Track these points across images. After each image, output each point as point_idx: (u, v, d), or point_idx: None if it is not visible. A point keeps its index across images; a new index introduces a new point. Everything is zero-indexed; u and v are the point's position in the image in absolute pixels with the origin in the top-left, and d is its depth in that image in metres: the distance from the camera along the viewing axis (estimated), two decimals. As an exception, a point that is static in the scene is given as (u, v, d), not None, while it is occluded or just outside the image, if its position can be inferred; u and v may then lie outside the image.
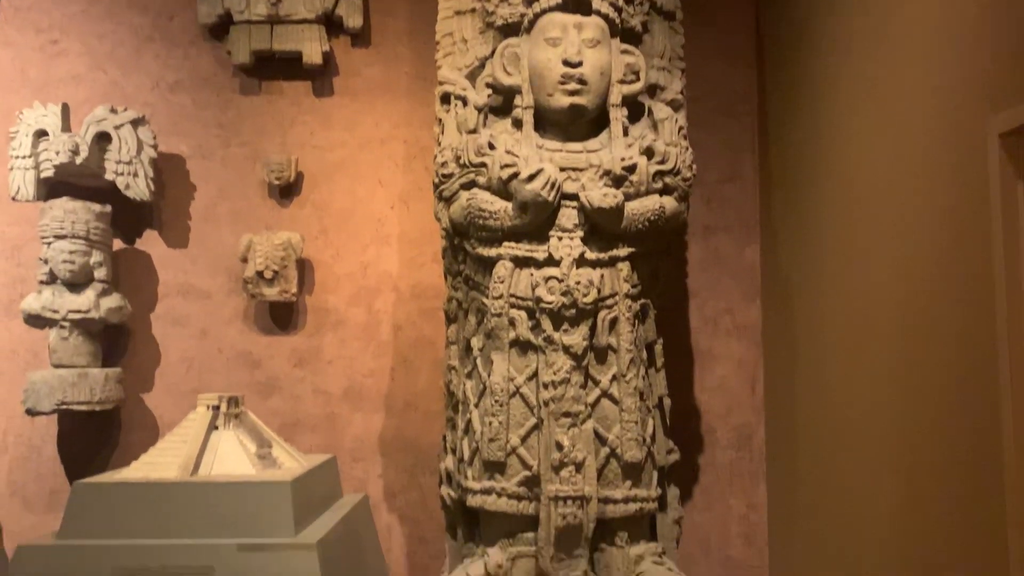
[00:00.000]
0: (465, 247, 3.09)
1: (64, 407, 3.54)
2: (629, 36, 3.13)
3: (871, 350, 2.77)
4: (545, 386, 2.87)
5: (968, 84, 2.20)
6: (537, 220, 2.91)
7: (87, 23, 4.04)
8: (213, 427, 3.11)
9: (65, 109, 3.73)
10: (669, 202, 3.02)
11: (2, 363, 3.89)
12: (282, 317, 3.95)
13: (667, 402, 3.23)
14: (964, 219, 2.19)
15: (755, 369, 3.92)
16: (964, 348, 2.18)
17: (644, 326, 3.10)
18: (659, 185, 3.00)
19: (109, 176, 3.72)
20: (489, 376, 2.94)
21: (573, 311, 2.88)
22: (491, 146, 3.00)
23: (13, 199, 3.74)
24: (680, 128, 3.13)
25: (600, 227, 2.92)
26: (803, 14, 3.47)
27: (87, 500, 2.78)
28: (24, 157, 3.71)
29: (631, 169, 2.95)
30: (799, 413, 3.48)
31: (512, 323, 2.91)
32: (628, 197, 2.93)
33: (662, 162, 3.01)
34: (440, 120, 3.23)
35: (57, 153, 3.60)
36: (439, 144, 3.18)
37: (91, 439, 3.85)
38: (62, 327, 3.61)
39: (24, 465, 3.85)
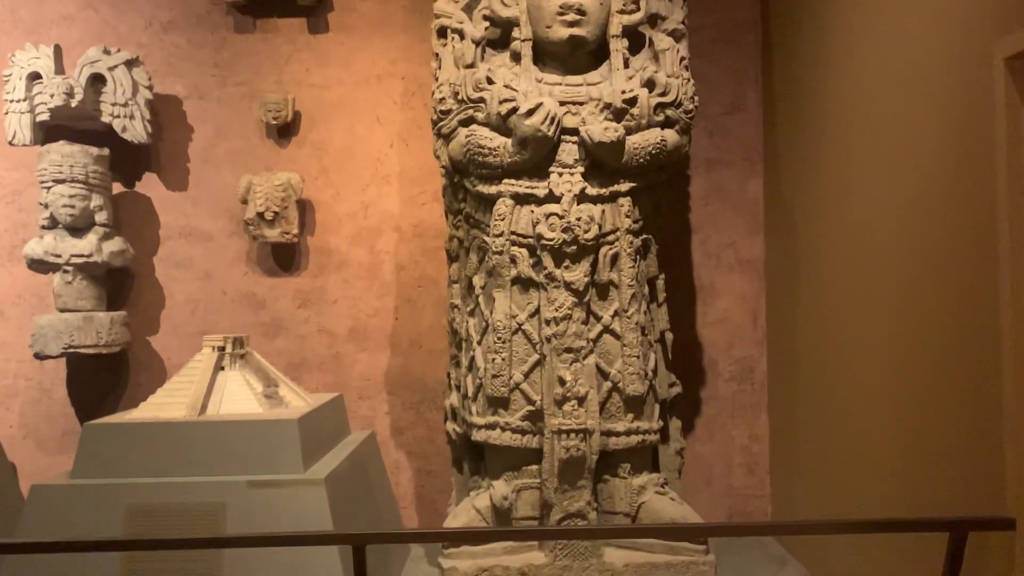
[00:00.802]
0: (465, 185, 3.07)
1: (71, 350, 3.58)
2: (628, -36, 3.05)
3: (872, 280, 2.77)
4: (547, 322, 2.88)
5: (973, 7, 2.15)
6: (537, 156, 2.88)
7: (75, -39, 3.96)
8: (220, 367, 3.13)
9: (58, 51, 3.68)
10: (671, 135, 2.98)
11: (8, 308, 3.92)
12: (285, 258, 3.95)
13: (669, 336, 3.24)
14: (969, 144, 2.16)
15: (757, 302, 3.93)
16: (965, 272, 2.17)
17: (646, 261, 3.09)
18: (660, 118, 2.97)
19: (105, 119, 3.69)
20: (491, 313, 2.95)
21: (574, 247, 2.87)
22: (489, 80, 2.96)
23: (10, 143, 3.71)
24: (682, 59, 3.08)
25: (601, 162, 2.90)
26: (808, -62, 3.37)
27: (98, 441, 2.82)
28: (19, 101, 3.68)
29: (632, 102, 2.91)
30: (800, 344, 3.50)
31: (513, 260, 2.91)
32: (629, 131, 2.90)
33: (663, 94, 2.97)
34: (437, 55, 3.17)
35: (52, 96, 3.56)
36: (436, 80, 3.14)
37: (99, 381, 3.90)
38: (65, 271, 3.62)
39: (35, 408, 3.90)
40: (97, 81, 3.67)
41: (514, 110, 2.88)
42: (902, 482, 2.53)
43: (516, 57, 3.02)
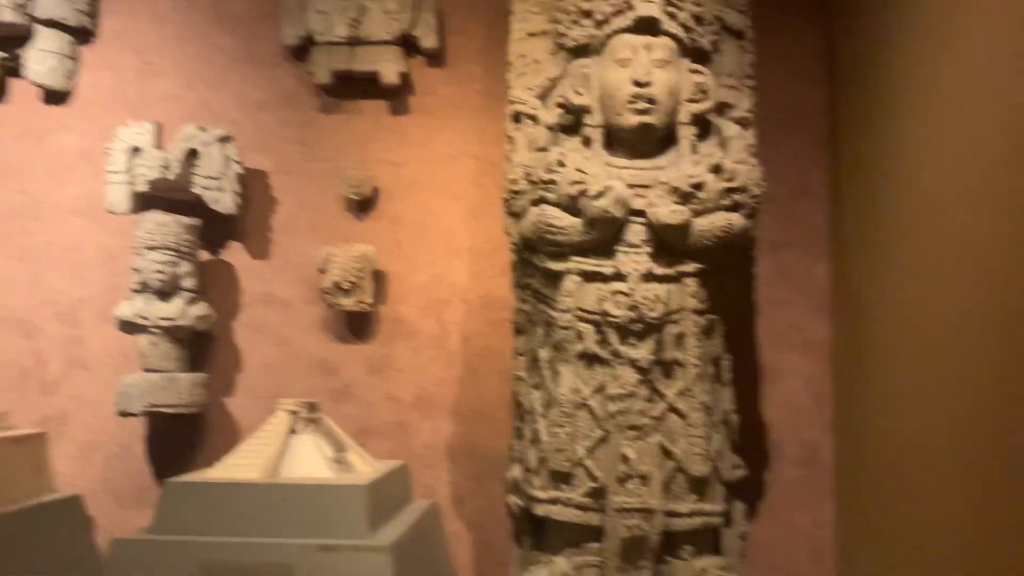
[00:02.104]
0: (534, 261, 3.18)
1: (153, 409, 3.74)
2: (698, 56, 3.17)
3: (944, 368, 2.75)
4: (612, 399, 2.93)
5: (1043, 104, 2.19)
6: (605, 235, 2.98)
7: (180, 45, 4.28)
8: (292, 431, 3.25)
9: (158, 127, 3.96)
10: (737, 219, 3.05)
11: (96, 366, 4.13)
12: (357, 326, 4.09)
13: (734, 417, 3.25)
14: (1038, 240, 2.17)
15: (822, 385, 3.90)
16: (1037, 370, 2.16)
17: (711, 341, 3.13)
18: (727, 202, 3.04)
19: (197, 190, 3.93)
20: (556, 387, 3.01)
21: (640, 325, 2.93)
22: (561, 163, 3.08)
23: (109, 212, 3.98)
24: (748, 145, 3.17)
25: (668, 243, 2.97)
26: (874, 28, 3.46)
27: (177, 497, 2.95)
28: (120, 172, 3.94)
29: (699, 186, 3.00)
30: (869, 430, 3.45)
31: (579, 336, 2.98)
32: (696, 213, 2.98)
33: (730, 179, 3.05)
34: (511, 138, 3.33)
35: (150, 169, 3.82)
36: (510, 161, 3.28)
37: (177, 440, 4.06)
38: (152, 333, 3.82)
39: (115, 463, 4.07)
40: (192, 155, 3.92)
41: (584, 191, 2.98)
42: (977, 573, 2.48)
43: (587, 142, 3.15)
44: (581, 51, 3.19)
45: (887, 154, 3.30)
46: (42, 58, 4.18)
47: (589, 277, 3.00)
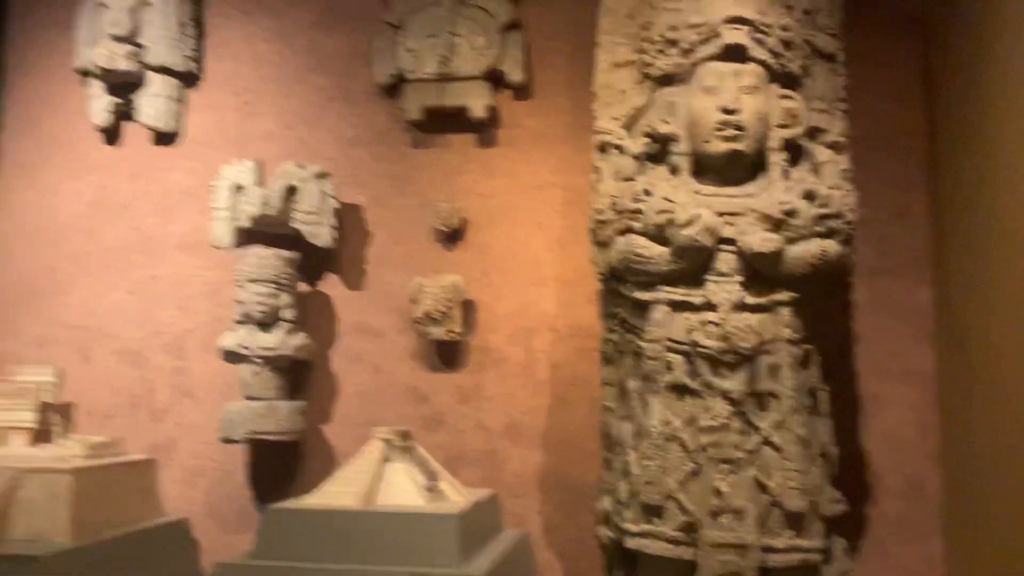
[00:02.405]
0: (621, 291, 3.17)
1: (255, 436, 3.89)
2: (788, 80, 3.12)
3: (1058, 402, 2.60)
4: (703, 431, 2.88)
5: None
6: (694, 265, 2.95)
7: (278, 86, 4.48)
8: (386, 459, 3.33)
9: (259, 166, 4.14)
10: (832, 246, 2.98)
11: (202, 394, 4.32)
12: (448, 355, 4.16)
13: (833, 450, 3.15)
14: None
15: (927, 415, 3.74)
16: None
17: (807, 371, 3.05)
18: (821, 229, 2.97)
19: (296, 225, 4.08)
20: (646, 419, 2.98)
21: (731, 356, 2.89)
22: (647, 192, 3.07)
23: (214, 247, 4.17)
24: (842, 170, 3.09)
25: (759, 271, 2.92)
26: (972, 46, 3.33)
27: (277, 524, 3.05)
28: (224, 209, 4.14)
29: (791, 213, 2.94)
30: (978, 462, 3.29)
31: (669, 367, 2.95)
32: (789, 241, 2.92)
33: (823, 205, 2.98)
34: (597, 168, 3.34)
35: (252, 205, 4.00)
36: (596, 191, 3.29)
37: (277, 466, 4.20)
38: (254, 363, 3.97)
39: (219, 488, 4.24)
40: (291, 191, 4.09)
41: (671, 220, 2.96)
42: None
43: (674, 170, 3.12)
44: (667, 80, 3.19)
45: (990, 174, 3.17)
46: (153, 102, 4.45)
47: (678, 307, 2.98)
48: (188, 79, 4.52)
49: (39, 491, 3.20)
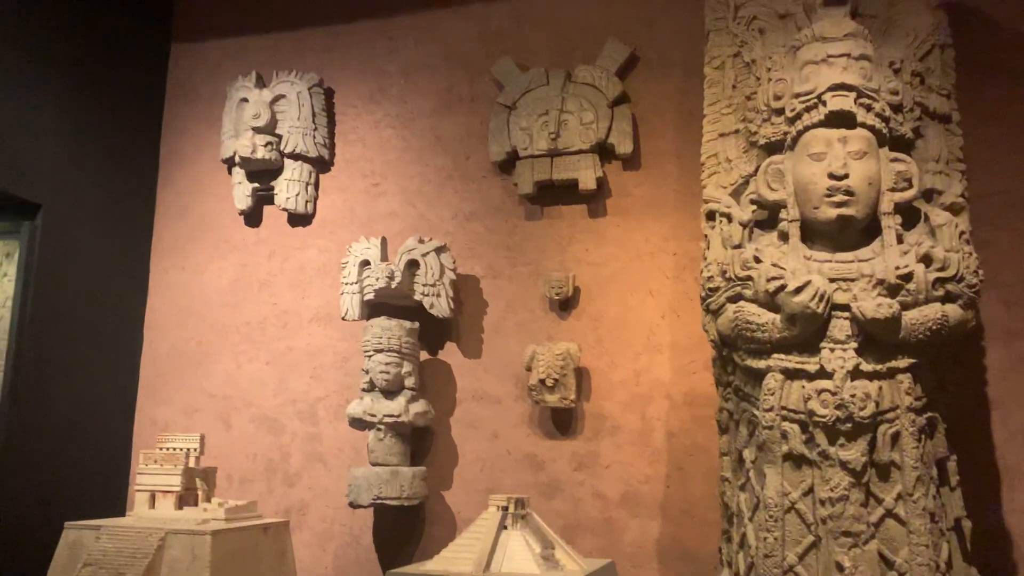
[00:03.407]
0: (734, 358, 3.16)
1: (379, 501, 4.05)
2: (899, 143, 3.09)
3: None
4: (822, 503, 2.81)
5: None
6: (806, 332, 2.92)
7: (401, 167, 4.77)
8: (503, 527, 3.39)
9: (383, 242, 4.40)
10: (953, 310, 2.88)
11: (332, 459, 4.55)
12: (563, 422, 4.22)
13: (966, 524, 2.98)
14: None
15: (1078, 489, 3.48)
16: None
17: (932, 441, 2.93)
18: (940, 293, 2.89)
19: (417, 297, 4.29)
20: (763, 489, 2.93)
21: (849, 425, 2.81)
22: (757, 259, 3.08)
23: (343, 319, 4.43)
24: (961, 233, 3.00)
25: (876, 338, 2.86)
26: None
27: (398, 588, 3.15)
28: (352, 283, 4.41)
29: (907, 278, 2.87)
30: None
31: (784, 436, 2.91)
32: (905, 306, 2.85)
33: (942, 269, 2.90)
34: (706, 236, 3.37)
35: (377, 279, 4.24)
36: (705, 259, 3.32)
37: (399, 531, 4.34)
38: (379, 429, 4.16)
39: (346, 551, 4.42)
40: (412, 265, 4.31)
41: (782, 287, 2.95)
42: None
43: (783, 237, 3.12)
44: (773, 148, 3.21)
45: None
46: (289, 187, 4.82)
47: (792, 375, 2.94)
48: (320, 164, 4.88)
49: (183, 551, 3.45)
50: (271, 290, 4.88)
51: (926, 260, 2.90)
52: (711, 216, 3.38)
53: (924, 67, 3.23)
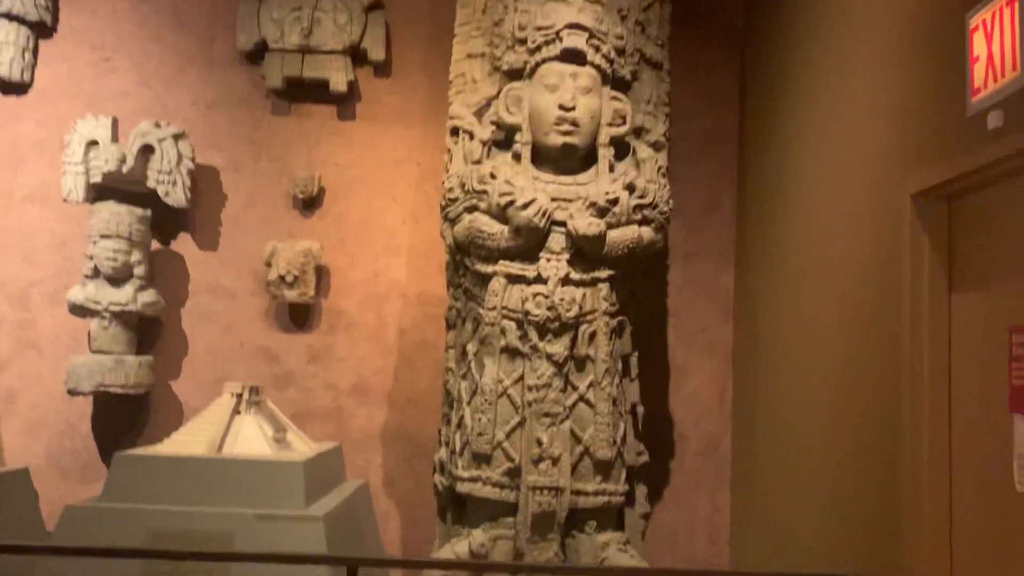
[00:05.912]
0: (466, 263, 3.50)
1: (102, 389, 3.95)
2: (619, 84, 3.53)
3: (813, 366, 3.17)
4: (529, 388, 3.27)
5: (891, 150, 2.60)
6: (529, 243, 3.32)
7: (136, 43, 4.47)
8: (236, 412, 3.51)
9: (114, 122, 4.15)
10: (647, 232, 3.42)
11: (46, 347, 4.31)
12: (300, 317, 4.36)
13: (640, 409, 3.62)
14: (885, 261, 2.59)
15: (724, 383, 4.32)
16: (881, 366, 2.57)
17: (621, 340, 3.49)
18: (638, 217, 3.41)
19: (151, 184, 4.13)
20: (481, 378, 3.34)
21: (557, 324, 3.28)
22: (492, 176, 3.41)
23: (64, 200, 4.16)
24: (660, 167, 3.54)
25: (584, 251, 3.32)
26: (779, 59, 3.86)
27: (126, 469, 3.19)
28: (76, 163, 4.13)
29: (614, 202, 3.35)
30: (759, 423, 3.87)
31: (503, 332, 3.31)
32: (610, 226, 3.33)
33: (642, 196, 3.41)
34: (449, 150, 3.64)
35: (106, 162, 4.02)
36: (447, 171, 3.59)
37: (122, 419, 4.26)
38: (103, 317, 4.02)
39: (61, 440, 4.26)
40: (146, 150, 4.12)
41: (512, 202, 3.31)
42: (832, 543, 2.89)
43: (517, 157, 3.47)
44: (515, 74, 3.52)
45: (782, 175, 3.71)
46: (2, 49, 4.33)
47: (514, 280, 3.34)
48: (41, 29, 4.42)
49: None
50: (-24, 163, 4.41)
51: (630, 188, 3.40)
52: (455, 132, 3.64)
53: (646, 17, 3.68)
